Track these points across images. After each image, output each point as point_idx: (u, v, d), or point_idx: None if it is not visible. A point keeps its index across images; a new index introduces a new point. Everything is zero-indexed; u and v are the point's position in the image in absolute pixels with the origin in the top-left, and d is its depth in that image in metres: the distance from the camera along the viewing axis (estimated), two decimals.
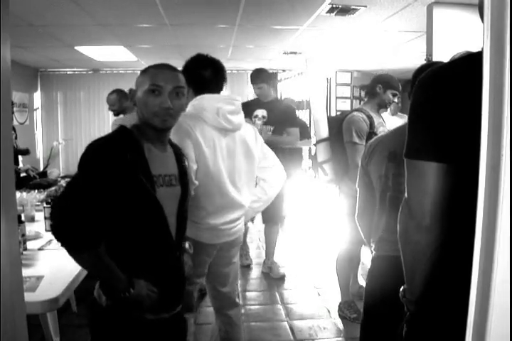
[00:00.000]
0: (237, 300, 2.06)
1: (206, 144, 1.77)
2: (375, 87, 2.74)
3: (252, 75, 3.63)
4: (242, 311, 2.42)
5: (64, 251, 1.26)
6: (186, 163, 1.52)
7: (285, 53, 5.38)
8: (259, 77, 3.56)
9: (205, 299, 3.00)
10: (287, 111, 3.60)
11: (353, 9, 3.36)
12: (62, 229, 1.24)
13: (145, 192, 1.28)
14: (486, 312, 0.64)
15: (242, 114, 1.94)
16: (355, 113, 2.70)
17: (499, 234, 0.62)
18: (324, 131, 2.92)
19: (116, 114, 4.06)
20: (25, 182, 3.83)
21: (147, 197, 1.28)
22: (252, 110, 3.55)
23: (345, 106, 7.03)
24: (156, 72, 1.36)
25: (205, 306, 2.94)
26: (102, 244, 1.27)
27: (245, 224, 2.17)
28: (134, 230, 1.31)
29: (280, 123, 3.50)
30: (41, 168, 6.24)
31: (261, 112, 3.55)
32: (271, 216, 3.54)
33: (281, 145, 3.43)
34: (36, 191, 3.31)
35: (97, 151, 1.26)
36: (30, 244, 2.19)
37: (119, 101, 3.97)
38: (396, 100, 2.80)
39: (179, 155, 1.49)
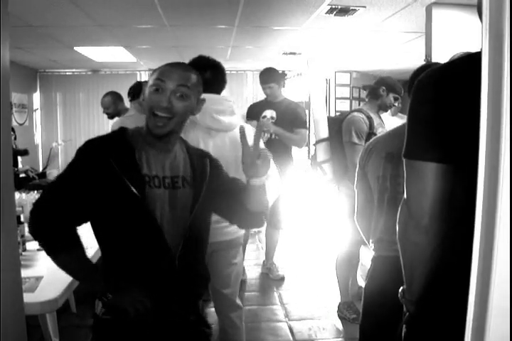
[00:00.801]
0: (238, 302, 2.05)
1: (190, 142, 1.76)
2: (379, 89, 2.75)
3: (261, 75, 3.54)
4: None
5: None
6: (208, 167, 1.38)
7: (284, 54, 5.38)
8: (270, 76, 3.49)
9: None
10: (296, 112, 3.50)
11: (352, 10, 3.36)
12: (38, 229, 1.24)
13: (127, 192, 1.19)
14: (485, 313, 0.64)
15: (235, 115, 1.91)
16: (355, 113, 2.71)
17: (498, 234, 0.62)
18: (324, 131, 2.93)
19: (110, 117, 3.98)
20: (25, 183, 3.82)
21: (130, 197, 1.19)
22: (261, 110, 3.52)
23: (344, 106, 7.03)
24: (165, 68, 1.30)
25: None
26: (82, 246, 1.25)
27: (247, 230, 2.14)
28: (120, 233, 1.25)
29: (289, 124, 3.42)
30: (40, 169, 6.22)
31: (270, 113, 3.51)
32: (270, 218, 3.53)
33: (287, 141, 3.41)
34: (35, 192, 3.30)
35: (81, 151, 1.25)
36: (29, 245, 2.18)
37: (114, 103, 3.92)
38: (396, 104, 2.82)
39: (196, 158, 1.37)
